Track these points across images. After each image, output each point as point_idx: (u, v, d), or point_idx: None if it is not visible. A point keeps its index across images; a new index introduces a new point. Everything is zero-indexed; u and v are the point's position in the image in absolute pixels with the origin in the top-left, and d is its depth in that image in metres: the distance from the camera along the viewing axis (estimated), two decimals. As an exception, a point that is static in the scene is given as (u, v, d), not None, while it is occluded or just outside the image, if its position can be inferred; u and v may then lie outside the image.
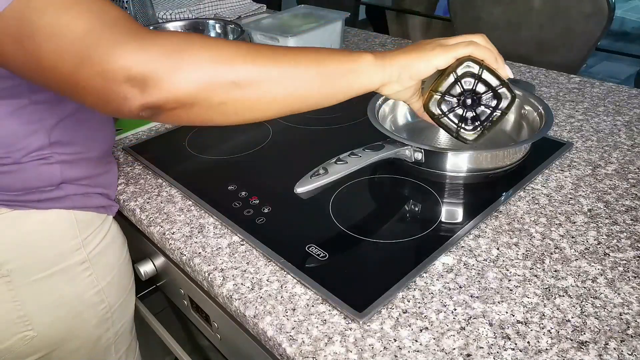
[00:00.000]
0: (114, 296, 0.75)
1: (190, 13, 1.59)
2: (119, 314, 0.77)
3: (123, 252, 0.77)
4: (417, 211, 0.72)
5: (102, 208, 0.72)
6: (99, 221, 0.71)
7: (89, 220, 0.69)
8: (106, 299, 0.73)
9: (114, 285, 0.74)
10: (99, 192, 0.72)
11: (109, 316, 0.74)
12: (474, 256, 0.62)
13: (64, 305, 0.69)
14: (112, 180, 0.77)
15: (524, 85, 0.91)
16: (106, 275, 0.72)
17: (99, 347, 0.76)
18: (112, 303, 0.74)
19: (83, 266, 0.69)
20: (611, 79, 2.02)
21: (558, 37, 1.30)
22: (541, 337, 0.52)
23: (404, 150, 0.74)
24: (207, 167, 0.86)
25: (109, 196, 0.75)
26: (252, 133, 0.95)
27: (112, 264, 0.74)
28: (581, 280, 0.58)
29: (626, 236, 0.64)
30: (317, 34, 1.22)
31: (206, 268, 0.63)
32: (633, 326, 0.52)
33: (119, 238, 0.77)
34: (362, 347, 0.52)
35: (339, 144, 0.87)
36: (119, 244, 0.76)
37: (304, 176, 0.66)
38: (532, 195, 0.73)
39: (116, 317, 0.76)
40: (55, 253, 0.66)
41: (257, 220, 0.70)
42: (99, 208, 0.72)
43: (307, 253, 0.64)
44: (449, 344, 0.51)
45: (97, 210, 0.71)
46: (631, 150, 0.82)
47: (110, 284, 0.73)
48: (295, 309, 0.56)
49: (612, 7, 1.19)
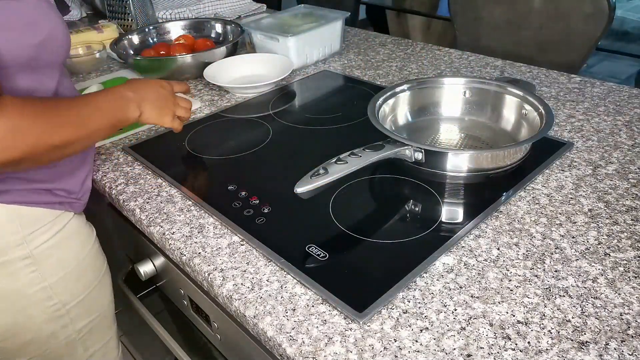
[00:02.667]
0: (69, 294, 0.74)
1: (190, 13, 1.59)
2: (81, 311, 0.76)
3: (85, 249, 0.76)
4: (417, 211, 0.72)
5: (56, 204, 0.71)
6: (51, 217, 0.70)
7: (35, 216, 0.68)
8: (56, 296, 0.72)
9: (69, 282, 0.73)
10: (48, 188, 0.70)
11: (63, 313, 0.74)
12: (475, 256, 0.62)
13: (5, 299, 0.68)
14: (70, 176, 0.74)
15: (524, 85, 0.92)
16: (57, 272, 0.71)
17: (57, 343, 0.75)
18: (67, 300, 0.73)
19: (25, 262, 0.68)
20: (612, 79, 2.02)
21: (558, 37, 1.30)
22: (541, 337, 0.52)
23: (404, 150, 0.73)
24: (207, 167, 0.85)
25: (68, 192, 0.73)
26: (252, 133, 0.95)
27: (67, 261, 0.73)
28: (582, 281, 0.58)
29: (627, 236, 0.64)
30: (317, 33, 1.22)
31: (206, 268, 0.63)
32: (633, 326, 0.52)
33: (80, 234, 0.75)
34: (362, 348, 0.51)
35: (339, 144, 0.87)
36: (79, 240, 0.75)
37: (304, 176, 0.66)
38: (533, 195, 0.72)
39: (76, 315, 0.75)
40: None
41: (257, 220, 0.70)
42: (52, 204, 0.70)
43: (307, 253, 0.64)
44: (450, 344, 0.51)
45: (49, 206, 0.70)
46: (632, 150, 0.82)
47: (62, 280, 0.72)
48: (295, 309, 0.56)
49: (612, 7, 1.19)
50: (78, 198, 0.75)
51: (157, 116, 0.78)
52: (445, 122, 0.92)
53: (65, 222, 0.73)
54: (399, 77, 1.15)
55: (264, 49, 1.25)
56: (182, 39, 1.34)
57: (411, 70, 1.18)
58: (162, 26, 1.40)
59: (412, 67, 1.20)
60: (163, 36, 1.39)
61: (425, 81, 0.93)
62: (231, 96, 1.11)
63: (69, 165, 0.73)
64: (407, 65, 1.21)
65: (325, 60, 1.28)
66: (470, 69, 1.16)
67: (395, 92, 0.89)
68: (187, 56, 1.17)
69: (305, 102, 1.07)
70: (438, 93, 0.93)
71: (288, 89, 1.14)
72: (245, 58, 1.21)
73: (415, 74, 1.16)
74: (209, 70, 1.14)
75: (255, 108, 1.05)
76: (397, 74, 1.17)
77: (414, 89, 0.92)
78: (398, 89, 0.90)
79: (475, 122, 0.90)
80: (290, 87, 1.15)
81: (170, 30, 1.40)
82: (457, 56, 1.24)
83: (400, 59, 1.25)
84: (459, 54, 1.25)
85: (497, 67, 1.16)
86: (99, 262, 0.80)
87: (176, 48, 1.26)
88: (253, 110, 1.04)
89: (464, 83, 0.91)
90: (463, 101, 0.92)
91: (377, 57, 1.28)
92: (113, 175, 0.84)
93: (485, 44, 1.45)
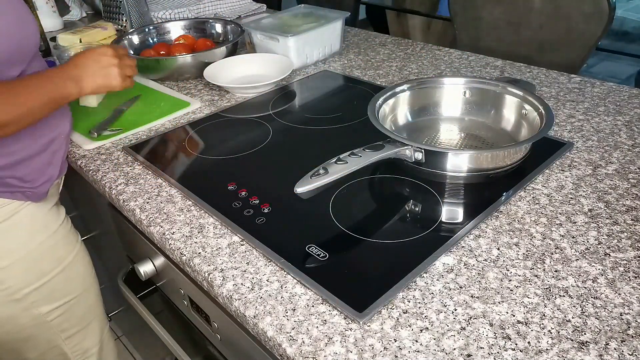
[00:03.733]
0: (21, 279, 0.76)
1: (189, 13, 1.59)
2: (42, 297, 0.79)
3: (37, 239, 0.78)
4: (417, 211, 0.72)
5: (7, 193, 0.72)
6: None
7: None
8: (5, 281, 0.75)
9: (19, 269, 0.76)
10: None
11: (19, 297, 0.77)
12: (475, 256, 0.62)
13: None
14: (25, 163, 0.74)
15: (524, 84, 0.91)
16: (2, 258, 0.74)
17: (21, 324, 0.78)
18: (20, 286, 0.76)
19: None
20: (611, 79, 2.02)
21: (558, 37, 1.30)
22: (542, 337, 0.52)
23: (404, 150, 0.73)
24: (207, 167, 0.85)
25: (20, 179, 0.73)
26: (252, 133, 0.95)
27: (14, 249, 0.75)
28: (582, 281, 0.58)
29: (627, 236, 0.64)
30: (317, 33, 1.22)
31: (206, 268, 0.63)
32: (634, 326, 0.52)
33: (34, 224, 0.77)
34: (362, 348, 0.51)
35: (339, 144, 0.87)
36: (30, 230, 0.77)
37: (304, 176, 0.66)
38: (533, 195, 0.72)
39: (38, 299, 0.79)
40: None
41: (257, 220, 0.70)
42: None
43: (307, 253, 0.64)
44: (450, 344, 0.51)
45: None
46: (632, 150, 0.82)
47: (10, 267, 0.75)
48: (295, 309, 0.56)
49: (612, 7, 1.19)
50: (34, 187, 0.75)
51: (103, 84, 0.80)
52: (445, 122, 0.92)
53: (12, 212, 0.73)
54: (399, 77, 1.15)
55: (264, 49, 1.25)
56: (182, 39, 1.34)
57: (411, 70, 1.18)
58: (162, 26, 1.40)
59: (412, 67, 1.20)
60: (163, 36, 1.39)
61: (425, 81, 0.93)
62: (231, 96, 1.11)
63: (21, 152, 0.73)
64: (407, 65, 1.21)
65: (325, 60, 1.28)
66: (470, 69, 1.16)
67: (395, 92, 0.89)
68: (187, 56, 1.17)
69: (305, 102, 1.07)
70: (438, 93, 0.93)
71: (288, 89, 1.14)
72: (245, 58, 1.21)
73: (415, 74, 1.16)
74: (209, 70, 1.14)
75: (255, 108, 1.05)
76: (397, 74, 1.17)
77: (414, 89, 0.92)
78: (398, 89, 0.90)
79: (475, 122, 0.90)
80: (290, 87, 1.15)
81: (170, 30, 1.40)
82: (457, 56, 1.24)
83: (400, 59, 1.25)
84: (459, 54, 1.25)
85: (497, 67, 1.16)
86: (61, 251, 0.82)
87: (176, 48, 1.26)
88: (253, 110, 1.04)
89: (464, 83, 0.91)
90: (463, 101, 0.92)
91: (377, 57, 1.28)
92: (113, 175, 0.84)
93: (485, 44, 1.45)
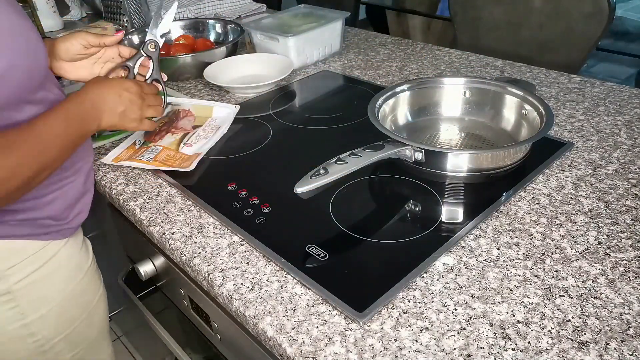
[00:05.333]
0: (53, 329, 0.70)
1: (190, 13, 1.59)
2: (67, 344, 0.73)
3: (72, 283, 0.71)
4: (417, 211, 0.72)
5: (42, 235, 0.66)
6: (32, 250, 0.65)
7: (15, 249, 0.64)
8: (39, 332, 0.68)
9: (52, 318, 0.69)
10: (30, 218, 0.65)
11: (48, 348, 0.70)
12: (475, 256, 0.62)
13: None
14: (53, 202, 0.67)
15: (524, 85, 0.91)
16: (39, 308, 0.67)
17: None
18: (51, 336, 0.70)
19: (4, 298, 0.64)
20: (611, 79, 2.02)
21: (558, 37, 1.30)
22: (542, 337, 0.52)
23: (404, 150, 0.73)
24: (207, 167, 0.85)
25: (53, 218, 0.67)
26: (252, 133, 0.95)
27: (51, 296, 0.68)
28: (582, 281, 0.58)
29: (627, 236, 0.64)
30: (317, 33, 1.22)
31: (206, 268, 0.63)
32: (634, 326, 0.52)
33: (69, 265, 0.71)
34: (362, 348, 0.51)
35: (339, 144, 0.87)
36: (66, 273, 0.70)
37: (304, 176, 0.66)
38: (533, 195, 0.72)
39: (62, 348, 0.72)
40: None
41: (257, 220, 0.70)
42: (35, 235, 0.65)
43: (307, 253, 0.64)
44: (450, 344, 0.51)
45: (31, 238, 0.65)
46: (632, 150, 0.82)
47: (45, 317, 0.68)
48: (295, 309, 0.56)
49: (612, 7, 1.19)
50: (67, 222, 0.70)
51: (119, 123, 0.73)
52: (445, 122, 0.92)
53: (51, 255, 0.68)
54: (399, 77, 1.15)
55: (264, 49, 1.25)
56: (182, 39, 1.34)
57: (411, 70, 1.18)
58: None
59: (412, 67, 1.20)
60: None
61: (425, 81, 0.93)
62: (231, 96, 1.11)
63: (43, 191, 0.66)
64: (407, 65, 1.21)
65: (325, 60, 1.28)
66: (470, 69, 1.16)
67: (395, 92, 0.89)
68: (187, 56, 1.17)
69: (305, 102, 1.07)
70: (438, 93, 0.93)
71: (288, 89, 1.14)
72: (245, 58, 1.21)
73: (415, 74, 1.16)
74: (209, 70, 1.14)
75: (255, 108, 1.05)
76: (397, 74, 1.17)
77: (414, 89, 0.92)
78: (398, 89, 0.90)
79: (475, 122, 0.90)
80: (290, 87, 1.15)
81: (170, 30, 1.40)
82: (457, 56, 1.24)
83: (400, 59, 1.25)
84: (459, 54, 1.25)
85: (497, 67, 1.16)
86: (89, 295, 0.76)
87: (176, 48, 1.26)
88: (253, 110, 1.04)
89: (464, 83, 0.91)
90: (463, 101, 0.92)
91: (377, 57, 1.28)
92: (113, 175, 0.84)
93: (485, 44, 1.45)
